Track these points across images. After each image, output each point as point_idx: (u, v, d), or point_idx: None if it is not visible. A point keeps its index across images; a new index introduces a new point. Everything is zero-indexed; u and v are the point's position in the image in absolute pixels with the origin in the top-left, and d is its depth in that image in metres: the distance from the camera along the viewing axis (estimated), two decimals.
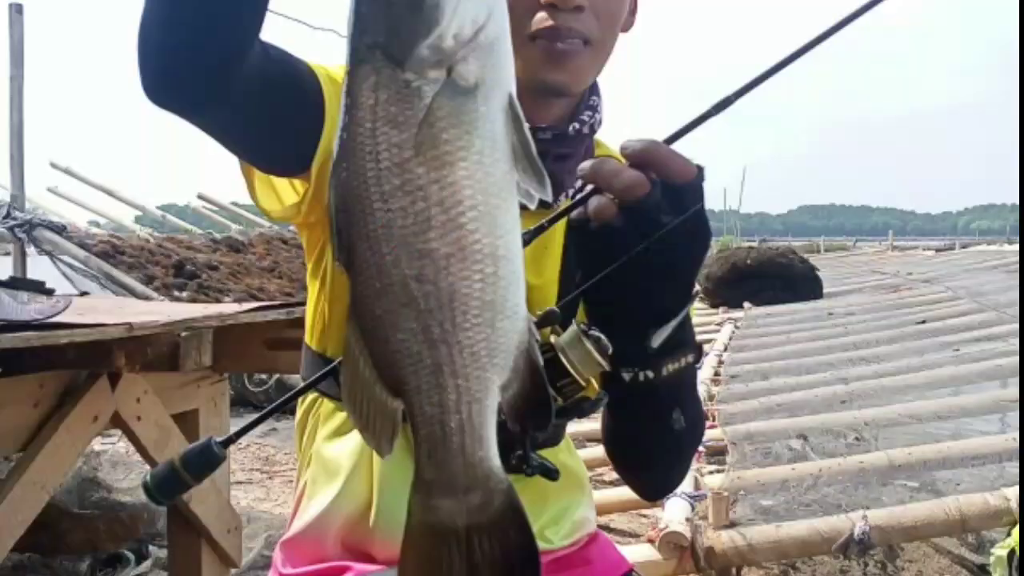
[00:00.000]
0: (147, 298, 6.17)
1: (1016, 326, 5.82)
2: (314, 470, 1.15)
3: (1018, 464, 3.01)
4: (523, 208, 0.71)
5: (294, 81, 0.99)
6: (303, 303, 1.22)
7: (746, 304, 10.24)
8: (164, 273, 7.26)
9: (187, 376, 2.20)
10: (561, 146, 1.11)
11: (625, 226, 0.86)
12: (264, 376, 5.86)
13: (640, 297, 0.91)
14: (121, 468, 2.87)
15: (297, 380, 1.19)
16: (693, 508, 2.87)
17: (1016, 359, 4.72)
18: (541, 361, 0.73)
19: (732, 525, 2.84)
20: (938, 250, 24.60)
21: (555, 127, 1.11)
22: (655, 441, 1.03)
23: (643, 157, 0.85)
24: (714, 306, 10.77)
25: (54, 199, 9.43)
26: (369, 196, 0.68)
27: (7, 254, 6.82)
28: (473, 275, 0.69)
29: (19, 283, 2.07)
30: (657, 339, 0.92)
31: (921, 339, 6.47)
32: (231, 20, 0.85)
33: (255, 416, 1.02)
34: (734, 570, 2.79)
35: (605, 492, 3.18)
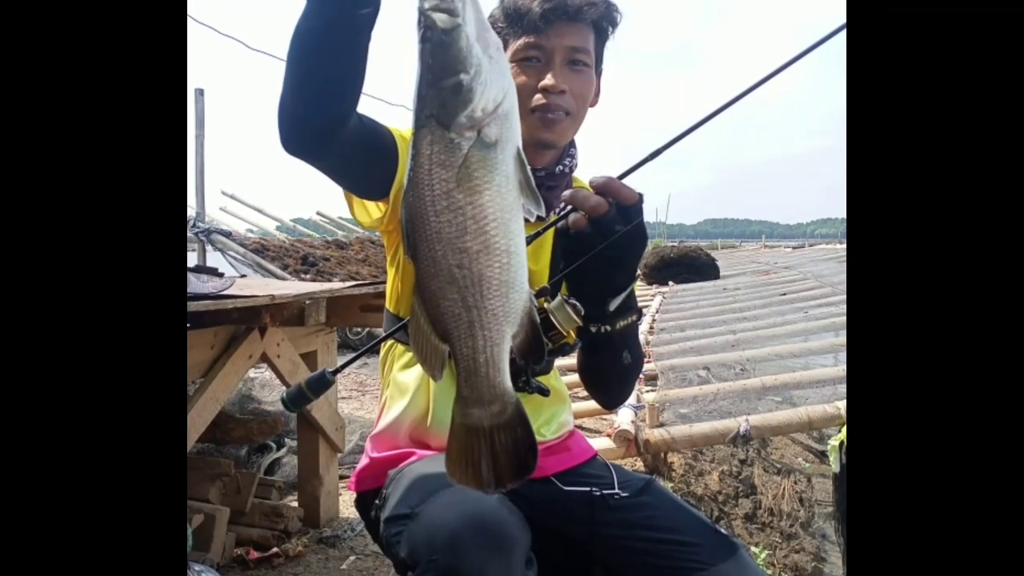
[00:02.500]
0: (283, 279, 6.18)
1: (844, 296, 5.79)
2: (391, 390, 1.15)
3: (845, 386, 3.00)
4: (526, 220, 0.71)
5: (379, 139, 0.98)
6: (385, 282, 1.22)
7: (670, 283, 10.18)
8: (295, 263, 7.26)
9: (309, 329, 2.20)
10: (551, 181, 1.10)
11: (592, 232, 0.86)
12: (359, 328, 5.84)
13: (602, 278, 0.90)
14: (267, 388, 2.87)
15: (381, 332, 1.18)
16: (636, 414, 2.87)
17: (844, 318, 4.70)
18: (538, 319, 0.73)
19: (661, 425, 2.84)
20: (794, 248, 24.37)
21: (547, 168, 1.10)
22: (611, 371, 1.03)
23: (604, 187, 0.85)
24: (649, 284, 10.71)
25: (224, 215, 9.43)
26: (427, 213, 0.68)
27: (193, 250, 6.84)
28: (494, 264, 0.69)
29: (201, 269, 2.07)
30: (613, 305, 0.92)
31: (783, 305, 6.43)
32: (337, 100, 0.84)
33: (353, 355, 1.02)
34: (663, 454, 2.79)
35: (579, 404, 3.18)
